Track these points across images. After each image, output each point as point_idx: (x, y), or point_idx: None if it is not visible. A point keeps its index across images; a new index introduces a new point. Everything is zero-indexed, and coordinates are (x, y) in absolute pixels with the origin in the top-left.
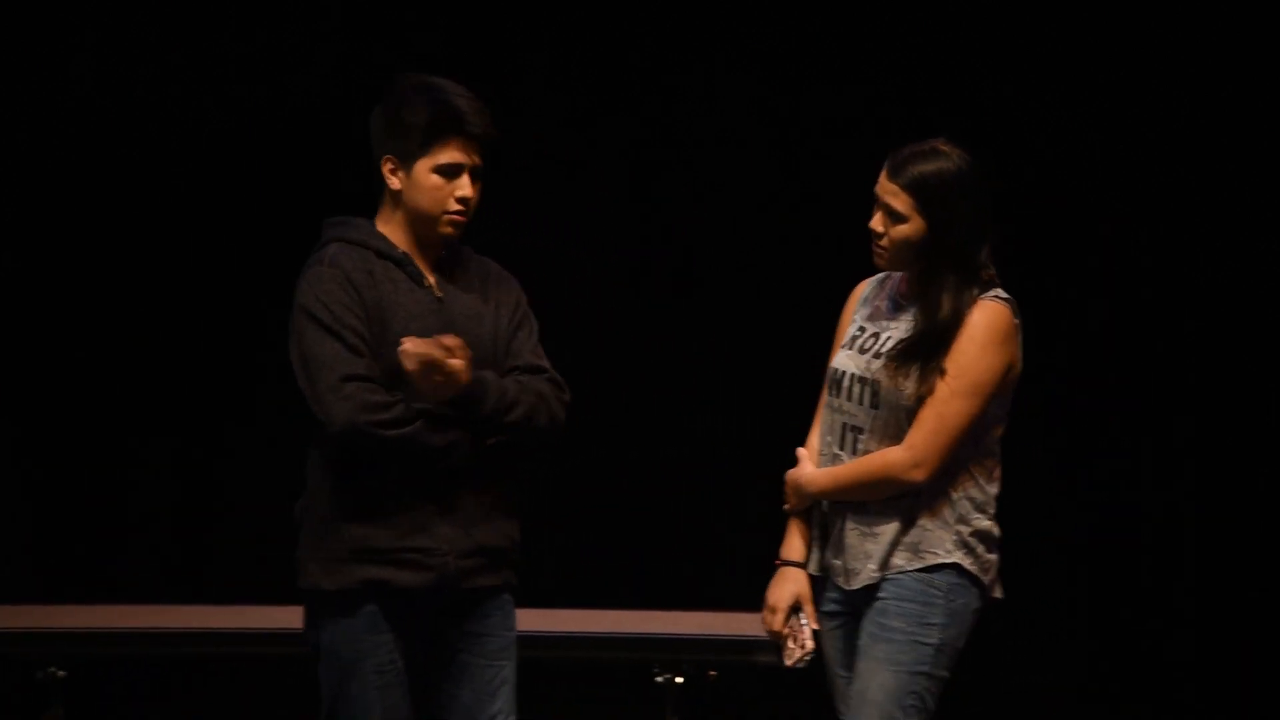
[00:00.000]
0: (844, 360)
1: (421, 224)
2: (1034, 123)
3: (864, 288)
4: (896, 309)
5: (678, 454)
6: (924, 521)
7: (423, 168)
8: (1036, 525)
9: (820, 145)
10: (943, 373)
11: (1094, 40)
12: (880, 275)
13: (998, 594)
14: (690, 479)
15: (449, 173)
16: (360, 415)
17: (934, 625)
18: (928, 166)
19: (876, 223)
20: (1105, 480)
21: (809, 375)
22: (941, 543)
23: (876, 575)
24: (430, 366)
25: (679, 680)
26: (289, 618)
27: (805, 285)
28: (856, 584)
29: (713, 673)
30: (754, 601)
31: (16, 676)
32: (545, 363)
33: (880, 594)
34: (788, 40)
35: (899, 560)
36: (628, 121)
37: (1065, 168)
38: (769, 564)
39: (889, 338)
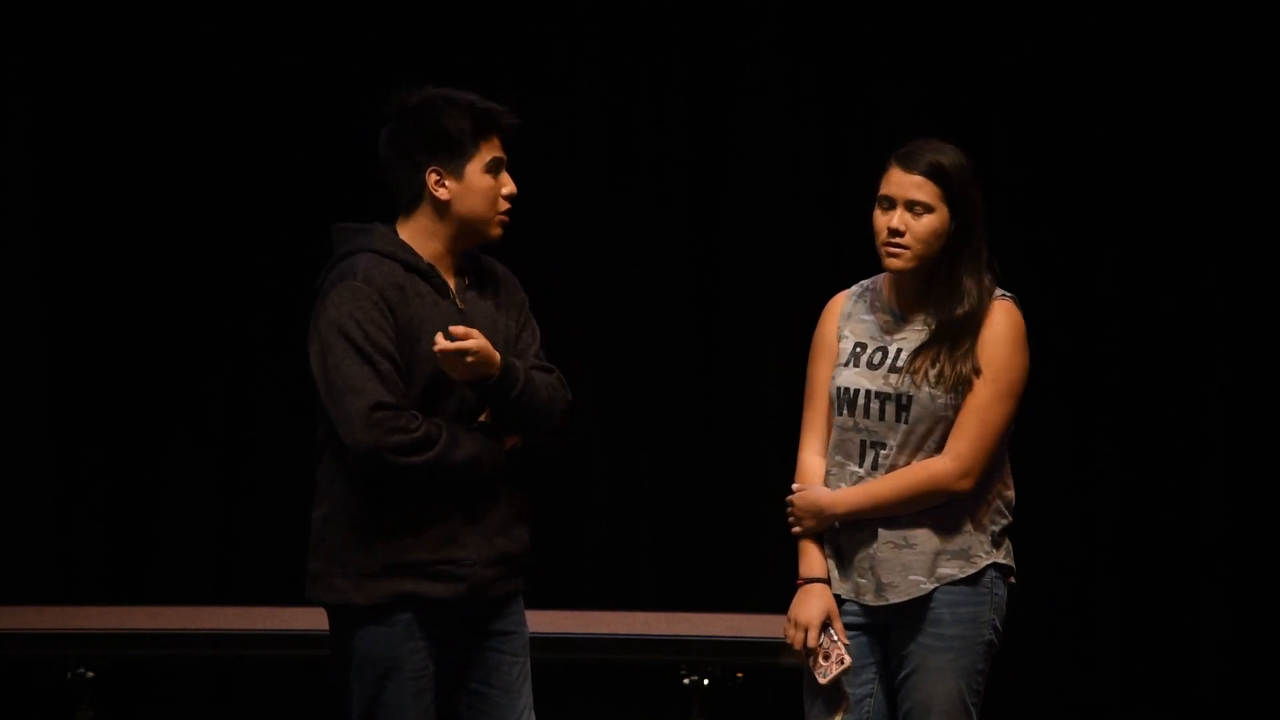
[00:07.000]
0: (853, 378)
1: (471, 229)
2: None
3: (842, 301)
4: (901, 320)
5: (706, 457)
6: (967, 528)
7: (474, 169)
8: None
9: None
10: (978, 376)
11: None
12: (856, 289)
13: (1013, 579)
14: (718, 483)
15: (495, 168)
16: (384, 443)
17: (985, 622)
18: (942, 156)
19: (897, 221)
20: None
21: None
22: (983, 545)
23: (928, 587)
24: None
25: (705, 682)
26: (318, 620)
27: (833, 291)
28: (895, 598)
29: (739, 674)
30: (780, 604)
31: (47, 677)
32: (549, 365)
33: (930, 604)
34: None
35: (949, 570)
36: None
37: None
38: (795, 567)
39: (900, 349)
